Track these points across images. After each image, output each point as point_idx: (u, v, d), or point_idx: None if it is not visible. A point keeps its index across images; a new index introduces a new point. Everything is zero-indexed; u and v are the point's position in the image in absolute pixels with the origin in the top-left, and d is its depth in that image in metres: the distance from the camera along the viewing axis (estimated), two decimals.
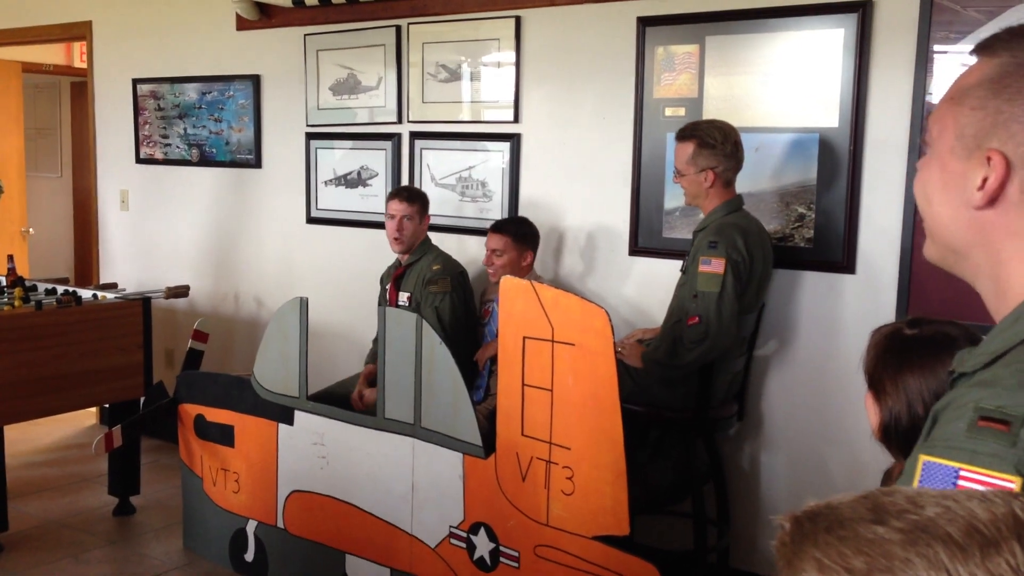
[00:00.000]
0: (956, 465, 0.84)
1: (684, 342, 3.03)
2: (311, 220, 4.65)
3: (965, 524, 0.55)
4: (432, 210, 4.02)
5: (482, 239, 3.96)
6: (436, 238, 3.97)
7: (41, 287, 4.42)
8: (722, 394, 3.23)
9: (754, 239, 3.07)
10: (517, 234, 3.60)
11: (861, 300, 3.23)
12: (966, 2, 2.94)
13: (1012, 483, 0.81)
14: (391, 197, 3.79)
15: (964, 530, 0.55)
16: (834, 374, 3.26)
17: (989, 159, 0.94)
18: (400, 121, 4.27)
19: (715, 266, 2.98)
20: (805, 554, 0.58)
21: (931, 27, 3.00)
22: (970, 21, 2.93)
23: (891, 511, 0.58)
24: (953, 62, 2.98)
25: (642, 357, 3.12)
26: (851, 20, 3.13)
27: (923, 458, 0.86)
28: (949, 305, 2.95)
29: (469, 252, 4.07)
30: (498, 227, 3.64)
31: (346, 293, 4.49)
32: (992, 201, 0.94)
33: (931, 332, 1.49)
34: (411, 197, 3.76)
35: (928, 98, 3.03)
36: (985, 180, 0.94)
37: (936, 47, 3.00)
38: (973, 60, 1.01)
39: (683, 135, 3.13)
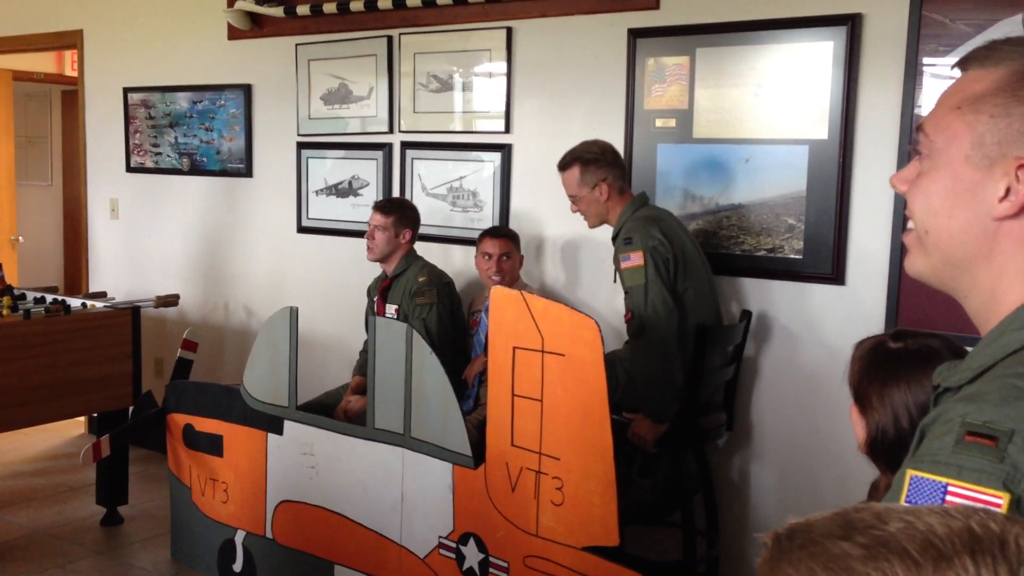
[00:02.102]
0: (944, 480, 0.83)
1: (628, 347, 3.09)
2: (302, 229, 4.65)
3: (922, 539, 0.56)
4: (423, 220, 4.02)
5: (468, 248, 3.96)
6: (424, 248, 3.96)
7: (30, 296, 4.40)
8: (707, 401, 3.23)
9: (668, 224, 3.14)
10: (516, 236, 3.68)
11: (850, 311, 3.24)
12: (955, 16, 2.96)
13: (1000, 499, 0.80)
14: (372, 207, 3.83)
15: (920, 545, 0.56)
16: (823, 385, 3.26)
17: (1020, 168, 0.91)
18: (391, 131, 4.28)
19: (634, 259, 3.04)
20: (780, 571, 0.59)
21: (920, 40, 3.01)
22: (959, 34, 2.95)
23: (858, 527, 0.59)
24: (942, 75, 2.99)
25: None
26: (840, 33, 3.15)
27: (911, 473, 0.86)
28: (937, 317, 2.96)
29: (455, 263, 4.08)
30: (500, 232, 3.67)
31: (336, 303, 4.49)
32: (1021, 211, 0.92)
33: (916, 346, 1.49)
34: (387, 209, 3.78)
35: (917, 110, 3.05)
36: (1008, 189, 0.92)
37: (925, 60, 3.02)
38: (957, 72, 0.99)
39: (563, 164, 3.25)
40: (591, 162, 3.17)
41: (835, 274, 3.25)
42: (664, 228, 3.09)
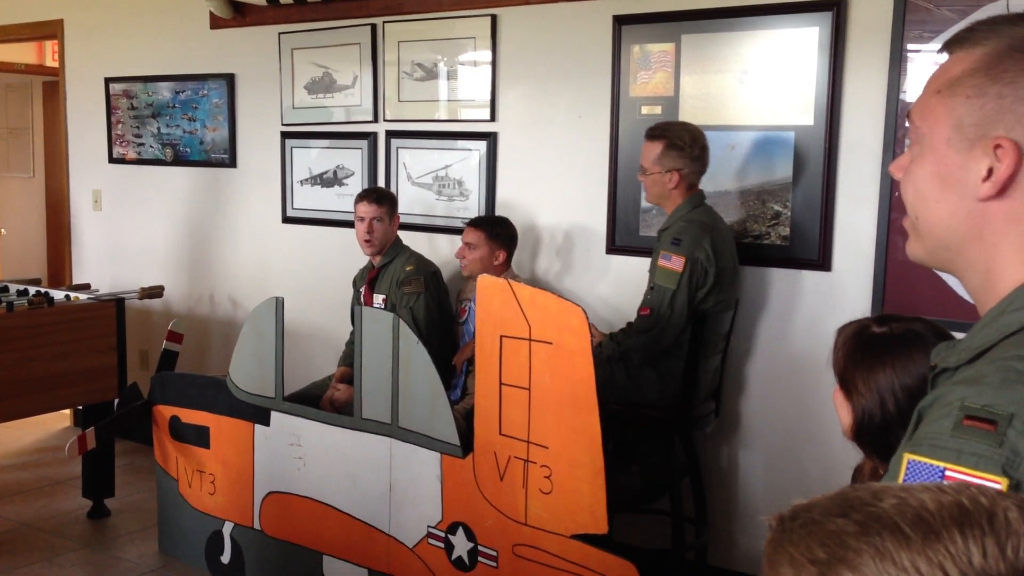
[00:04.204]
0: (942, 465, 0.82)
1: (632, 328, 3.11)
2: (287, 220, 4.62)
3: (913, 514, 0.58)
4: (408, 209, 4.00)
5: (453, 237, 3.96)
6: (409, 237, 3.95)
7: (13, 288, 4.37)
8: (704, 392, 3.25)
9: (718, 235, 3.11)
10: (491, 231, 3.59)
11: (836, 297, 3.24)
12: (939, 1, 2.96)
13: (998, 484, 0.79)
14: (359, 199, 3.77)
15: (911, 520, 0.57)
16: (810, 371, 3.27)
17: (998, 147, 0.91)
18: (376, 120, 4.25)
19: (675, 263, 3.02)
20: (783, 550, 0.61)
21: (905, 26, 3.01)
22: (943, 20, 2.95)
23: (855, 504, 0.60)
24: (926, 61, 3.00)
25: (602, 346, 3.17)
26: (825, 19, 3.15)
27: (908, 456, 0.85)
28: (923, 302, 2.97)
29: (441, 251, 4.06)
30: (475, 222, 3.65)
31: (322, 293, 4.47)
32: (1002, 190, 0.92)
33: (900, 329, 1.49)
34: (379, 198, 3.75)
35: (902, 96, 3.05)
36: (991, 170, 0.91)
37: (909, 46, 3.02)
38: (944, 57, 0.99)
39: (653, 134, 3.15)
40: (676, 148, 3.09)
41: (821, 260, 3.25)
42: (715, 240, 3.07)
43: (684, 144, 3.09)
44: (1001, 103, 0.91)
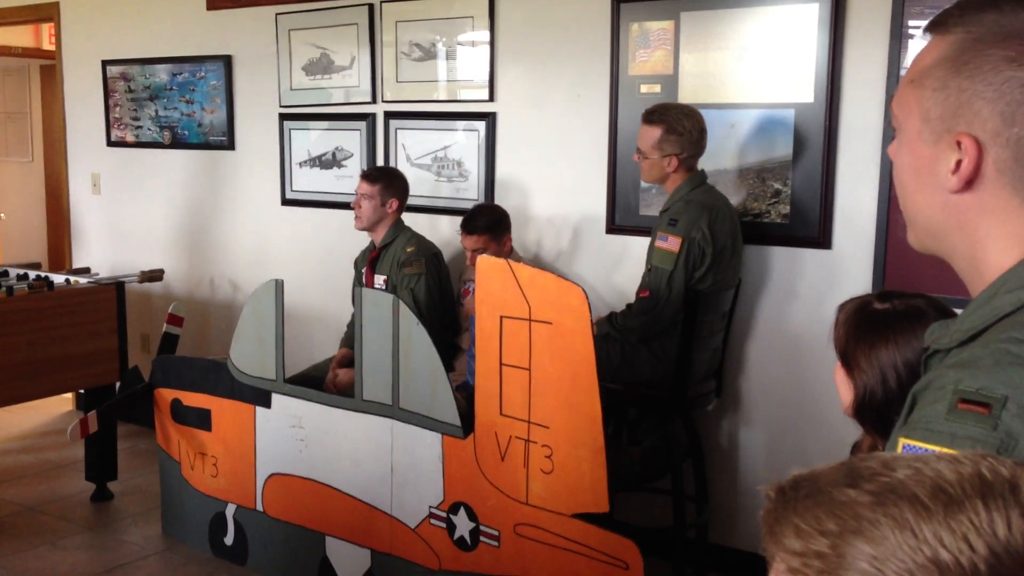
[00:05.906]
0: (936, 448, 0.82)
1: (632, 310, 3.12)
2: (286, 202, 4.61)
3: (932, 484, 0.56)
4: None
5: (454, 219, 3.94)
6: (410, 218, 3.94)
7: (12, 272, 4.36)
8: (703, 371, 3.25)
9: (718, 215, 3.10)
10: (490, 228, 3.51)
11: (837, 275, 3.24)
12: None
13: None
14: (360, 176, 3.83)
15: (930, 491, 0.56)
16: (810, 350, 3.27)
17: (959, 143, 0.91)
18: (375, 101, 4.24)
19: (671, 243, 3.02)
20: (786, 520, 0.60)
21: (905, 2, 2.99)
22: None
23: (865, 475, 0.59)
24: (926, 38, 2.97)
25: (597, 323, 3.17)
26: None
27: (903, 441, 0.85)
28: (924, 279, 2.96)
29: (441, 232, 4.06)
30: (471, 228, 3.51)
31: (322, 275, 4.47)
32: (969, 184, 0.92)
33: (902, 306, 1.49)
34: (372, 178, 3.76)
35: (903, 73, 3.02)
36: (959, 163, 0.92)
37: (910, 22, 3.00)
38: (928, 39, 0.98)
39: (651, 119, 3.12)
40: (676, 133, 3.07)
41: (822, 238, 3.24)
42: (713, 220, 3.05)
43: (684, 130, 3.08)
44: (961, 97, 0.91)
